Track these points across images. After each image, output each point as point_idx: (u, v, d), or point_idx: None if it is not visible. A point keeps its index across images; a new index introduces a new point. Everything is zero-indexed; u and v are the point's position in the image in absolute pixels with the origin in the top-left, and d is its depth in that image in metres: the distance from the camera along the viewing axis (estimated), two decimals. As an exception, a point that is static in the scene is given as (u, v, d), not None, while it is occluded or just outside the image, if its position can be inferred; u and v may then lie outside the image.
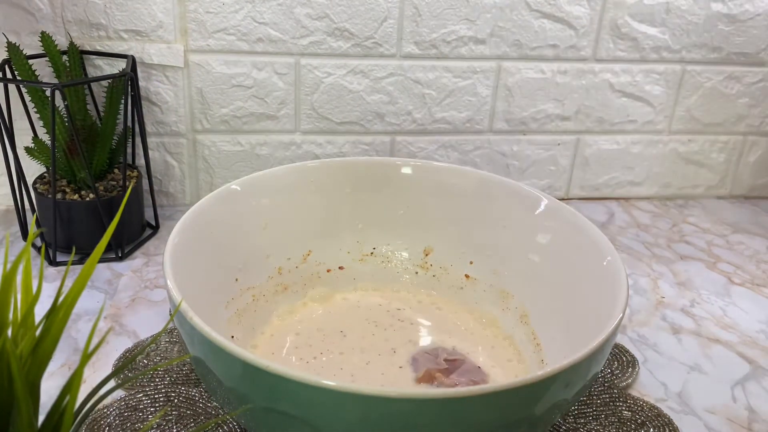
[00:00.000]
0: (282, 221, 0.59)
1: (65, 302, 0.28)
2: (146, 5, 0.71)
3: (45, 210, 0.67)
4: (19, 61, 0.64)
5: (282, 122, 0.78)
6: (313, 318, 0.58)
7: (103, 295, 0.63)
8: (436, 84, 0.79)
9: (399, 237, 0.63)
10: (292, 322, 0.57)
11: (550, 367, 0.36)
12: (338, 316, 0.58)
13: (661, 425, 0.50)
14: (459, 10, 0.76)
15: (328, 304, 0.59)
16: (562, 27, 0.78)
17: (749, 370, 0.57)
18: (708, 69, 0.84)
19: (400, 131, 0.81)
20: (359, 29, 0.75)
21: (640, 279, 0.70)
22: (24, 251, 0.27)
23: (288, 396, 0.36)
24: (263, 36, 0.74)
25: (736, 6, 0.80)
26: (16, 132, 0.65)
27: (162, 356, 0.55)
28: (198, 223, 0.51)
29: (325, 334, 0.55)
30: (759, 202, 0.91)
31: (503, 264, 0.59)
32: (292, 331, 0.56)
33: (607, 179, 0.88)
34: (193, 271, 0.48)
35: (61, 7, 0.70)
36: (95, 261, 0.29)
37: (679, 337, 0.61)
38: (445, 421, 0.35)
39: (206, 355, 0.39)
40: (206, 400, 0.50)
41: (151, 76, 0.74)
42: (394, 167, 0.63)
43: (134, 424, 0.47)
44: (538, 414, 0.37)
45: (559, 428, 0.49)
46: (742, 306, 0.67)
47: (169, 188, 0.80)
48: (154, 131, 0.77)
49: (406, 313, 0.59)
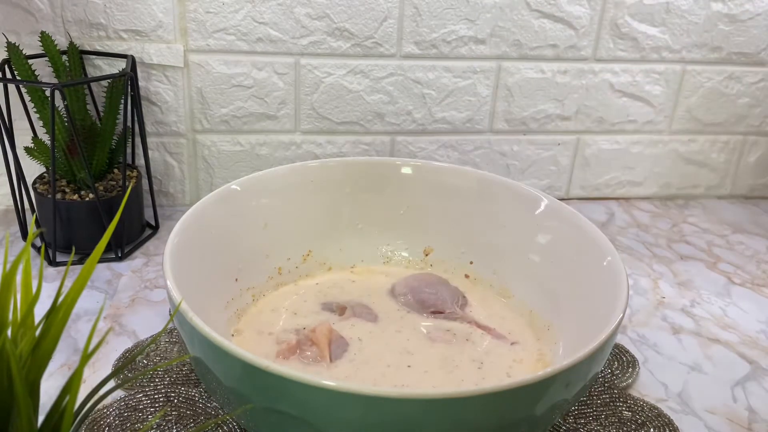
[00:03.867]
0: (282, 221, 0.59)
1: (65, 302, 0.28)
2: (146, 5, 0.71)
3: (45, 210, 0.67)
4: (18, 61, 0.64)
5: (282, 122, 0.78)
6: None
7: (102, 295, 0.63)
8: (436, 84, 0.79)
9: (399, 237, 0.63)
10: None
11: (550, 368, 0.36)
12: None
13: (661, 425, 0.50)
14: (459, 10, 0.76)
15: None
16: (562, 27, 0.78)
17: (749, 370, 0.57)
18: (708, 69, 0.84)
19: (400, 131, 0.81)
20: (359, 29, 0.75)
21: (641, 279, 0.70)
22: (24, 251, 0.27)
23: (288, 396, 0.36)
24: (263, 36, 0.74)
25: (736, 6, 0.80)
26: (16, 132, 0.65)
27: (162, 356, 0.55)
28: (198, 223, 0.51)
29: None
30: (759, 202, 0.91)
31: (503, 264, 0.59)
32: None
33: (607, 179, 0.88)
34: (193, 271, 0.48)
35: (61, 7, 0.70)
36: (95, 261, 0.29)
37: (679, 337, 0.61)
38: (445, 421, 0.35)
39: (206, 355, 0.39)
40: (206, 400, 0.49)
41: (151, 76, 0.74)
42: (394, 167, 0.63)
43: (134, 424, 0.47)
44: (538, 414, 0.37)
45: (559, 428, 0.49)
46: (742, 306, 0.67)
47: (169, 188, 0.80)
48: (154, 131, 0.77)
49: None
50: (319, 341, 0.48)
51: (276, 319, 0.54)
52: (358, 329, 0.53)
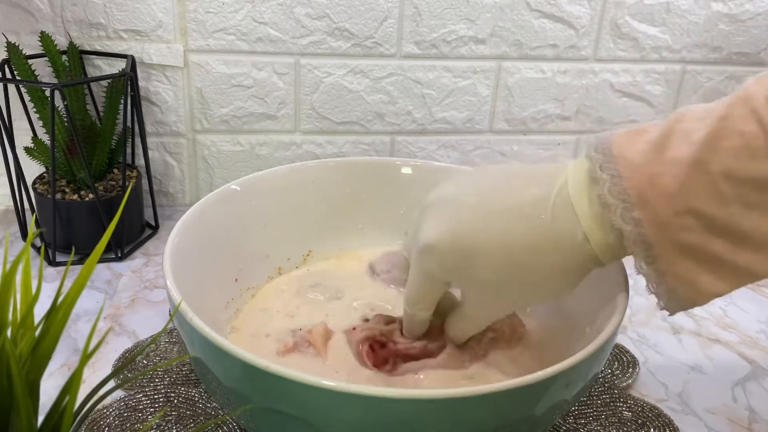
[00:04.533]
0: (282, 221, 0.59)
1: (65, 302, 0.28)
2: (146, 5, 0.71)
3: (44, 210, 0.67)
4: (18, 61, 0.64)
5: (282, 122, 0.78)
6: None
7: (102, 295, 0.63)
8: (436, 84, 0.79)
9: (399, 237, 0.63)
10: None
11: (551, 368, 0.36)
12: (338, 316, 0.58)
13: (661, 425, 0.50)
14: (459, 9, 0.76)
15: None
16: (563, 27, 0.78)
17: (749, 370, 0.57)
18: (708, 69, 0.84)
19: (400, 131, 0.81)
20: (359, 29, 0.75)
21: (641, 279, 0.70)
22: (23, 251, 0.27)
23: (288, 396, 0.35)
24: (263, 36, 0.74)
25: (736, 6, 0.80)
26: (16, 132, 0.65)
27: (162, 356, 0.55)
28: (198, 223, 0.51)
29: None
30: (759, 202, 0.91)
31: (503, 264, 0.59)
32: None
33: (607, 179, 0.88)
34: (193, 271, 0.48)
35: (61, 7, 0.70)
36: (95, 261, 0.29)
37: (679, 337, 0.61)
38: (445, 421, 0.35)
39: (206, 356, 0.39)
40: (206, 400, 0.49)
41: (151, 76, 0.74)
42: (394, 167, 0.63)
43: (134, 424, 0.47)
44: (538, 414, 0.37)
45: (560, 428, 0.49)
46: (742, 306, 0.67)
47: (168, 188, 0.80)
48: (154, 131, 0.77)
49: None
50: (316, 341, 0.49)
51: (270, 319, 0.54)
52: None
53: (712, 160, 0.35)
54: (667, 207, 0.36)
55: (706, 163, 0.35)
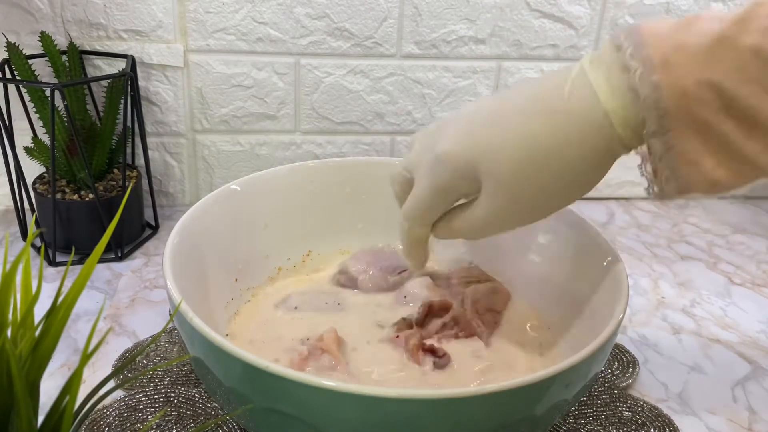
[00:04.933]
0: (282, 221, 0.59)
1: (65, 302, 0.28)
2: (146, 5, 0.71)
3: (44, 210, 0.67)
4: (18, 61, 0.64)
5: (282, 122, 0.78)
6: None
7: (102, 295, 0.63)
8: (436, 84, 0.79)
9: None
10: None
11: (551, 368, 0.36)
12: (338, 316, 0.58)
13: (661, 425, 0.50)
14: (459, 9, 0.76)
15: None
16: (562, 27, 0.78)
17: (750, 370, 0.57)
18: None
19: (400, 131, 0.81)
20: (359, 29, 0.75)
21: (641, 279, 0.70)
22: (23, 251, 0.27)
23: (288, 396, 0.35)
24: (263, 36, 0.74)
25: (736, 6, 0.80)
26: (16, 132, 0.65)
27: (162, 356, 0.55)
28: (198, 223, 0.51)
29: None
30: (759, 202, 0.91)
31: (503, 264, 0.59)
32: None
33: (607, 179, 0.88)
34: (193, 271, 0.48)
35: (61, 7, 0.70)
36: (95, 261, 0.29)
37: (679, 337, 0.61)
38: (445, 421, 0.35)
39: (206, 356, 0.39)
40: (206, 400, 0.49)
41: (151, 76, 0.74)
42: (394, 167, 0.63)
43: (134, 424, 0.47)
44: (538, 414, 0.37)
45: (560, 428, 0.49)
46: (742, 306, 0.67)
47: (168, 188, 0.80)
48: (154, 131, 0.77)
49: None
50: (330, 348, 0.48)
51: (272, 319, 0.54)
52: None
53: (742, 37, 0.34)
54: (689, 74, 0.35)
55: (735, 38, 0.35)
